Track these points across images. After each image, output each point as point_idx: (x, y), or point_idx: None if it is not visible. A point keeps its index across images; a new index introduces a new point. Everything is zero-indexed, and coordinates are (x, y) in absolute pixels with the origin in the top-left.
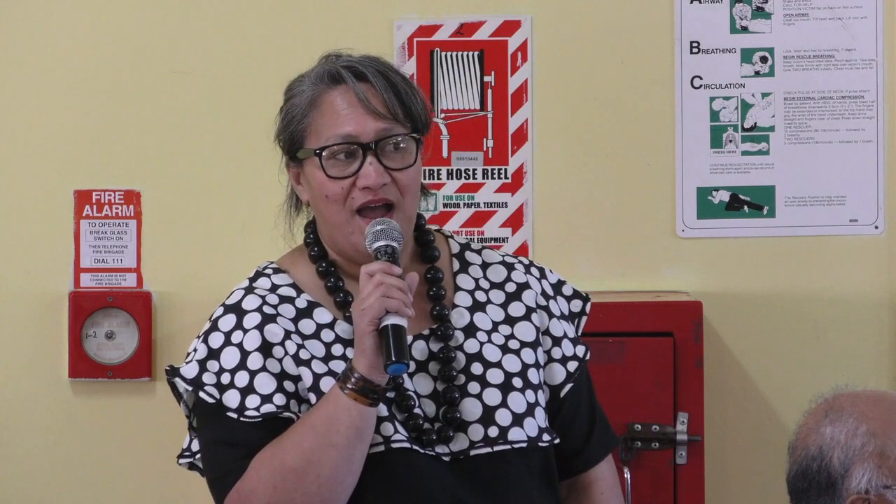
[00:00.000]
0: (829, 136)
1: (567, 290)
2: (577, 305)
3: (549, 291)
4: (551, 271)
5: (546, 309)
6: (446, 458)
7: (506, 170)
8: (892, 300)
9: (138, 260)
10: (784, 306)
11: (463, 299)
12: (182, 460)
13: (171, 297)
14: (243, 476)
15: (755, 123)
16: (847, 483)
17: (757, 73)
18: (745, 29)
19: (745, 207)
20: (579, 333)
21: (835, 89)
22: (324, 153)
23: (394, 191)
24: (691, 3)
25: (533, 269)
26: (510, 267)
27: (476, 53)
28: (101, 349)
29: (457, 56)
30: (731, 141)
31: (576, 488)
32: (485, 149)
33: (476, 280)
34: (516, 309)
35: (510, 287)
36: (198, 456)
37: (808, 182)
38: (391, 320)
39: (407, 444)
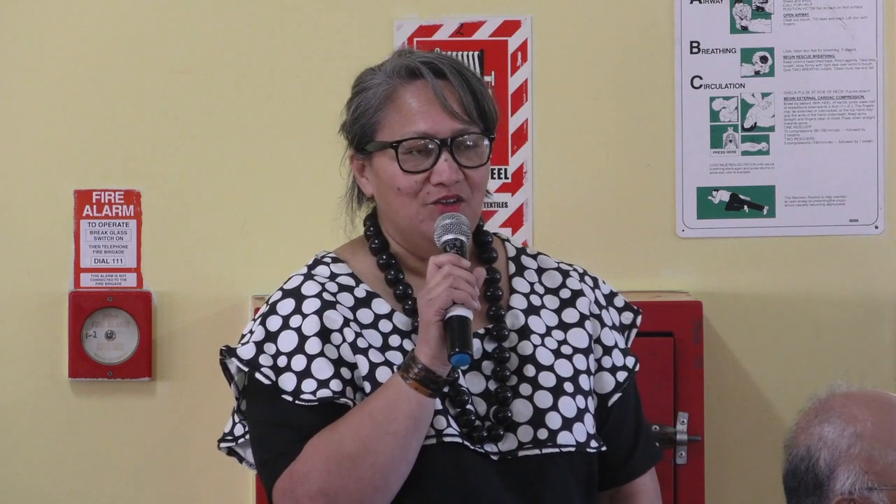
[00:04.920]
0: (829, 136)
1: (619, 302)
2: (627, 318)
3: (602, 301)
4: (604, 282)
5: (599, 318)
6: (494, 457)
7: (506, 170)
8: (893, 300)
9: (138, 260)
10: (784, 306)
11: (518, 302)
12: (223, 444)
13: (171, 297)
14: (297, 459)
15: (755, 123)
16: (832, 484)
17: (757, 73)
18: (745, 29)
19: (745, 207)
20: (629, 345)
21: (835, 89)
22: (400, 147)
23: (465, 187)
24: (691, 3)
25: (587, 278)
26: (565, 274)
27: (476, 53)
28: (101, 349)
29: (457, 56)
30: (731, 141)
31: (618, 499)
32: None
33: (531, 284)
34: (570, 315)
35: (565, 293)
36: (239, 441)
37: (808, 182)
38: (457, 311)
39: (458, 439)
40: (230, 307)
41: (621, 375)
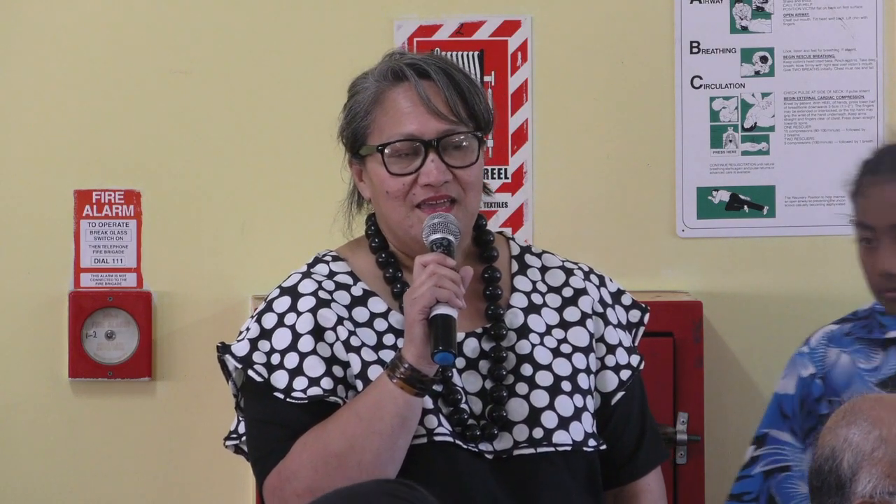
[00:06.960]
0: (829, 136)
1: (626, 300)
2: (635, 316)
3: (608, 300)
4: (611, 280)
5: (602, 316)
6: (489, 456)
7: (506, 170)
8: None
9: (138, 260)
10: (784, 306)
11: (519, 301)
12: (229, 442)
13: (171, 297)
14: (286, 457)
15: (755, 123)
16: (854, 486)
17: (757, 73)
18: (745, 29)
19: (745, 207)
20: (636, 343)
21: (835, 89)
22: (386, 150)
23: (456, 188)
24: (691, 3)
25: (592, 276)
26: (569, 272)
27: (476, 53)
28: (101, 349)
29: (457, 56)
30: (731, 141)
31: (622, 498)
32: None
33: (533, 283)
34: (572, 314)
35: (567, 292)
36: (243, 438)
37: (808, 182)
38: (441, 310)
39: (450, 439)
40: (230, 307)
41: (625, 374)
